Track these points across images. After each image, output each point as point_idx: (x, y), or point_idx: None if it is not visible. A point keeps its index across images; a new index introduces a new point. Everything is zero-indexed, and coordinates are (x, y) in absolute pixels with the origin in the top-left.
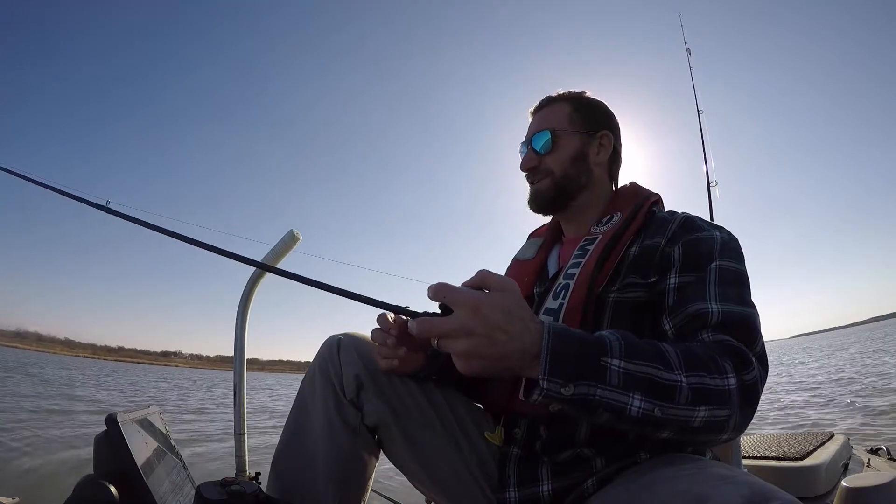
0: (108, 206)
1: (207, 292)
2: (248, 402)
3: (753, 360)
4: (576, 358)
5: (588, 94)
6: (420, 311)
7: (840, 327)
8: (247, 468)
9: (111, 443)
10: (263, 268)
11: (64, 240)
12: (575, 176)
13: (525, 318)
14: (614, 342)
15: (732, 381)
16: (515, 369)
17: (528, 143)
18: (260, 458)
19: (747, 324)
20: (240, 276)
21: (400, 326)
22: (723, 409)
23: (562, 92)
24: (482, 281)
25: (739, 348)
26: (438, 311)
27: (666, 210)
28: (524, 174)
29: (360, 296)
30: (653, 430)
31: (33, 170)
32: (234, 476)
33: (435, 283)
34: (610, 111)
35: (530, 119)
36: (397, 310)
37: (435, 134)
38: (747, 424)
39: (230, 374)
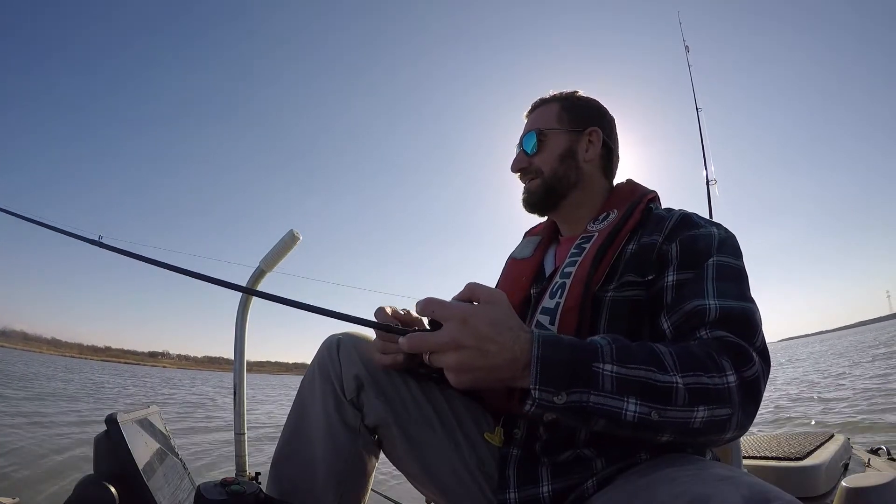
0: (101, 241)
1: (196, 292)
2: (209, 401)
3: (754, 355)
4: (566, 365)
5: (580, 93)
6: (410, 328)
7: (828, 331)
8: (247, 468)
9: (111, 443)
10: (247, 291)
11: (49, 233)
12: (564, 174)
13: (514, 328)
14: (605, 347)
15: (732, 378)
16: (507, 380)
17: (520, 144)
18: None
19: (746, 319)
20: (231, 275)
21: (399, 318)
22: (723, 408)
23: (554, 93)
24: (471, 293)
25: (739, 344)
26: (428, 327)
27: (663, 207)
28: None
29: (349, 316)
30: (652, 435)
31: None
32: (234, 476)
33: (423, 298)
34: (601, 108)
35: (525, 122)
36: (386, 328)
37: (428, 135)
38: (751, 422)
39: (214, 375)
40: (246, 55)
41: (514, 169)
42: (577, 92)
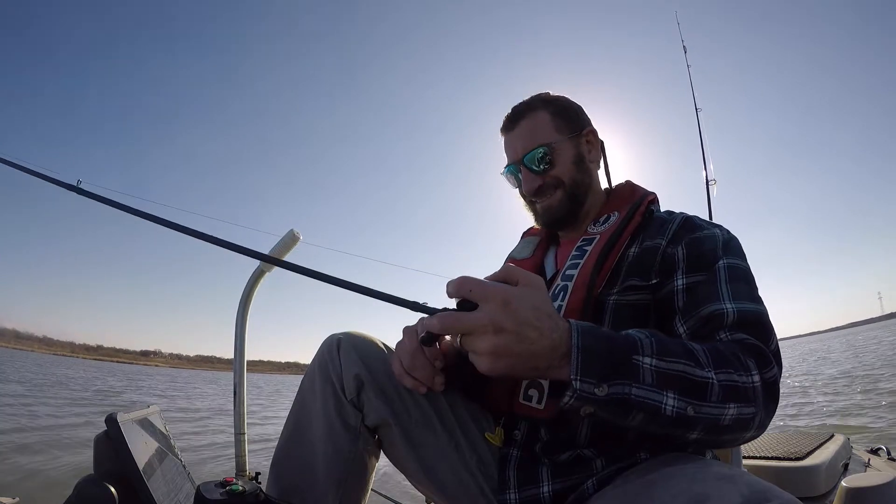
0: (80, 187)
1: (189, 290)
2: (187, 398)
3: (771, 357)
4: (607, 356)
5: (551, 93)
6: (439, 307)
7: (820, 332)
8: (247, 468)
9: (111, 443)
10: (270, 261)
11: (41, 229)
12: (581, 180)
13: (553, 316)
14: (644, 340)
15: (756, 378)
16: (543, 370)
17: (522, 164)
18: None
19: (762, 321)
20: (226, 275)
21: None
22: (749, 407)
23: (527, 100)
24: (508, 275)
25: (758, 346)
26: (456, 308)
27: (663, 210)
28: (525, 197)
29: (373, 290)
30: (684, 431)
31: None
32: (233, 476)
33: (456, 276)
34: (578, 105)
35: (503, 138)
36: (413, 306)
37: (418, 135)
38: (769, 422)
39: (205, 374)
40: (237, 52)
41: (531, 191)
42: (549, 93)
